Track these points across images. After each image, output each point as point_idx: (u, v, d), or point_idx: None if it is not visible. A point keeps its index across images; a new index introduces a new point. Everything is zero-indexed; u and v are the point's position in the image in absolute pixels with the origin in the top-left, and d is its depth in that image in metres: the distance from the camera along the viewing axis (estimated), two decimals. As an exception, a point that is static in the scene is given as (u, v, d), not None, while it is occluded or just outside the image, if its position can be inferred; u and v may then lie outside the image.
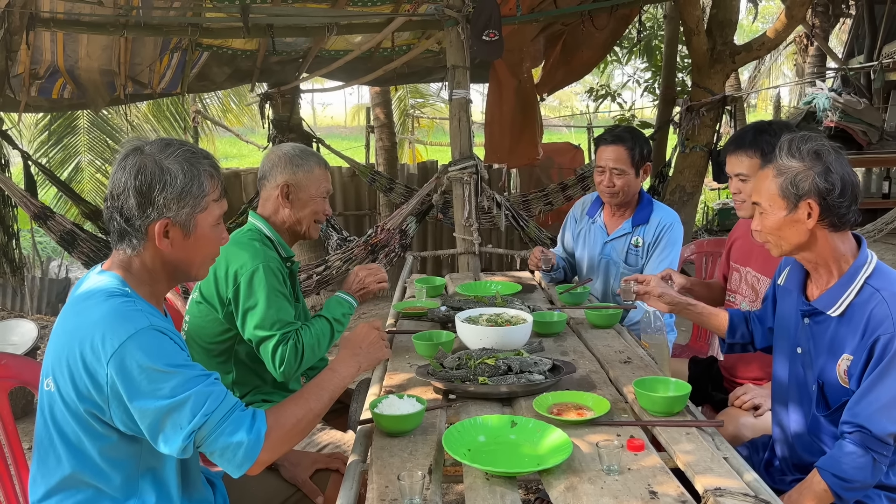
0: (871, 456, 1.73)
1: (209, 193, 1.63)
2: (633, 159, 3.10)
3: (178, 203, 1.59)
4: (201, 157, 1.65)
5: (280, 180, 2.44)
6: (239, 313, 2.24)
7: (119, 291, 1.57)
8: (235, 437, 1.51)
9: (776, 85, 14.16)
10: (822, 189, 1.79)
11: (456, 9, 4.33)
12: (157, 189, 1.57)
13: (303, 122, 7.23)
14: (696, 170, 6.61)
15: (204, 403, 1.50)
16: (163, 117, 9.95)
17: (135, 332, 1.49)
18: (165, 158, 1.59)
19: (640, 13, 7.65)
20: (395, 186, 6.75)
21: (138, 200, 1.57)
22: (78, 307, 1.58)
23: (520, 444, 1.72)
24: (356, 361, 1.90)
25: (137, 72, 6.14)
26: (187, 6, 5.30)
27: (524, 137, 7.43)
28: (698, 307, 2.29)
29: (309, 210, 2.46)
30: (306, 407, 1.68)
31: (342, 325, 2.42)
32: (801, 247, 1.87)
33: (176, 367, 1.50)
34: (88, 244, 4.57)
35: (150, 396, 1.47)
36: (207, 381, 1.54)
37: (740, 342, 2.23)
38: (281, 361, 2.19)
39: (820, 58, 11.22)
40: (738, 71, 9.09)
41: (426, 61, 7.13)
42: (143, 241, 1.60)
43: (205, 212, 1.63)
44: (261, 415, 1.57)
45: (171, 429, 1.48)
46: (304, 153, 2.48)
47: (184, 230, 1.61)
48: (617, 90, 9.55)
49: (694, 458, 1.65)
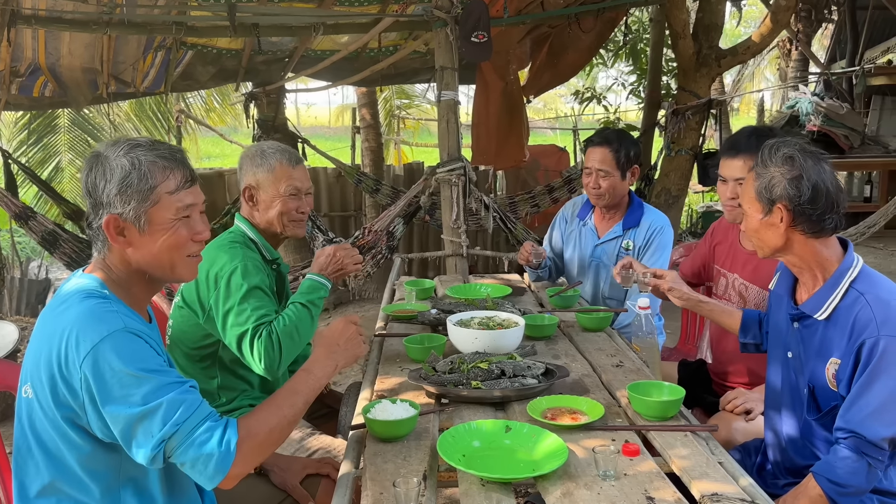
0: (865, 461, 1.73)
1: (158, 185, 1.53)
2: (618, 161, 3.10)
3: (121, 198, 1.51)
4: (147, 148, 1.55)
5: (244, 183, 2.38)
6: (220, 317, 2.17)
7: (97, 293, 1.53)
8: (205, 449, 1.44)
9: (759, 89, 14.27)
10: (791, 195, 1.81)
11: (445, 10, 4.32)
12: (100, 186, 1.52)
13: (288, 122, 7.18)
14: (682, 173, 6.65)
15: (176, 412, 1.43)
16: (145, 117, 9.84)
17: (108, 333, 1.44)
18: (113, 154, 1.53)
19: (626, 16, 7.68)
20: (381, 188, 6.72)
21: (90, 201, 1.55)
22: (56, 310, 1.54)
23: (515, 449, 1.71)
24: (333, 360, 1.76)
25: (120, 70, 6.06)
26: (172, 4, 5.24)
27: (511, 139, 7.43)
28: (710, 304, 2.33)
29: (275, 211, 2.35)
30: (279, 414, 1.58)
31: (318, 309, 2.27)
32: (780, 250, 1.90)
33: (149, 371, 1.45)
34: (70, 245, 4.50)
35: (121, 402, 1.42)
36: (182, 389, 1.47)
37: (752, 342, 2.25)
38: (259, 356, 2.09)
39: (803, 62, 11.34)
40: (721, 75, 9.15)
41: (413, 62, 7.11)
42: (105, 242, 1.55)
43: (156, 205, 1.53)
44: (232, 425, 1.50)
45: (143, 436, 1.43)
46: (265, 151, 2.38)
47: (137, 226, 1.53)
48: (602, 93, 9.58)
49: (689, 462, 1.64)
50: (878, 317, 1.75)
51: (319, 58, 6.63)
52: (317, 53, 6.64)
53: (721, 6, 6.49)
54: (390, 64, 6.57)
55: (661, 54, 7.89)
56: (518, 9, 6.44)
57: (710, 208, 10.38)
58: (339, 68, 6.81)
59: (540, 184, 8.30)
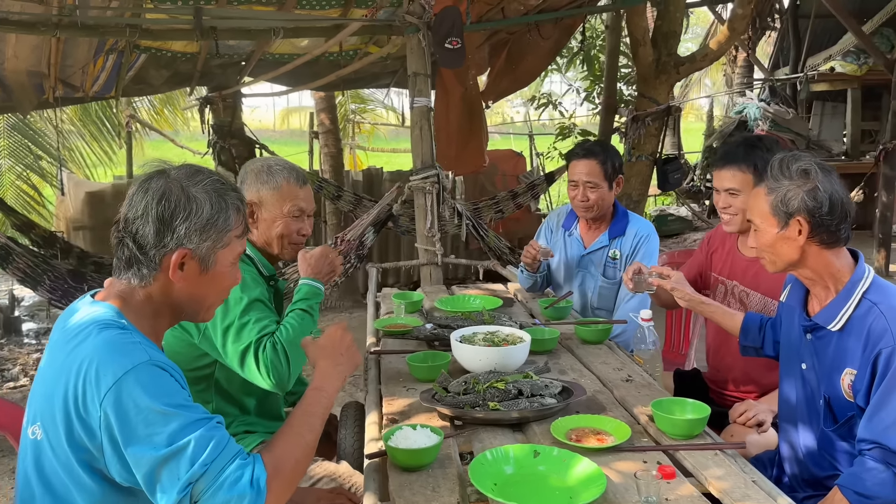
0: (891, 471, 1.74)
1: (233, 228, 1.52)
2: (605, 172, 3.08)
3: (201, 235, 1.47)
4: (230, 190, 1.54)
5: (245, 198, 2.27)
6: (219, 334, 2.05)
7: (115, 323, 1.42)
8: (236, 490, 1.34)
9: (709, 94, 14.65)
10: (810, 207, 1.83)
11: (416, 15, 4.25)
12: (180, 217, 1.45)
13: (245, 127, 7.00)
14: (642, 178, 6.74)
15: (204, 451, 1.33)
16: (90, 121, 9.44)
17: (132, 366, 1.33)
18: (193, 186, 1.48)
19: (583, 24, 7.75)
20: (343, 194, 6.59)
21: (157, 227, 1.44)
22: (69, 343, 1.41)
23: (547, 475, 1.65)
24: (340, 373, 1.70)
25: (69, 74, 5.79)
26: (126, 6, 5.01)
27: (471, 145, 7.40)
28: (712, 306, 2.36)
29: (277, 231, 2.26)
30: (302, 443, 1.52)
31: (317, 314, 2.19)
32: (795, 263, 1.90)
33: (177, 407, 1.35)
34: (24, 259, 4.24)
35: (145, 443, 1.31)
36: (209, 425, 1.38)
37: (752, 346, 2.27)
38: (267, 370, 1.99)
39: (748, 68, 11.67)
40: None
41: (373, 67, 7.00)
42: (154, 271, 1.46)
43: (226, 248, 1.52)
44: (259, 462, 1.41)
45: (168, 479, 1.32)
46: (273, 168, 2.29)
47: (202, 265, 1.49)
48: (558, 99, 9.65)
49: (728, 484, 1.61)
50: (893, 326, 1.77)
51: (278, 61, 6.47)
52: (275, 57, 6.48)
53: (679, 14, 6.59)
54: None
55: (617, 61, 7.99)
56: (479, 15, 6.43)
57: (662, 212, 10.56)
58: (299, 73, 6.67)
59: (498, 188, 8.31)
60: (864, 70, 10.02)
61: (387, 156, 13.48)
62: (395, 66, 7.27)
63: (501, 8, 6.53)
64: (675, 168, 7.03)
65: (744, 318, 2.28)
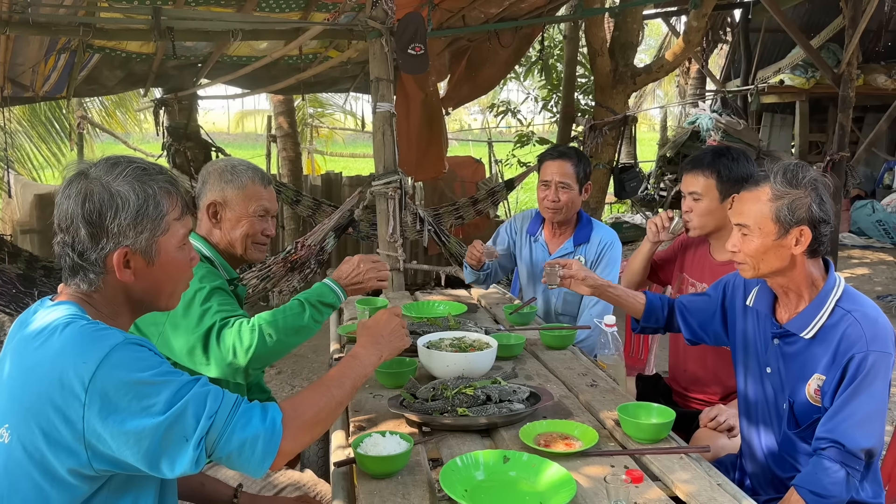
0: (845, 471, 1.78)
1: (168, 213, 1.46)
2: (578, 175, 3.12)
3: (135, 228, 1.41)
4: (154, 174, 1.47)
5: (209, 198, 2.23)
6: (178, 325, 1.95)
7: (79, 317, 1.39)
8: (250, 430, 1.36)
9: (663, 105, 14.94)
10: (816, 218, 1.84)
11: (380, 20, 4.23)
12: (108, 216, 1.39)
13: (201, 130, 6.88)
14: (600, 186, 6.83)
15: (205, 405, 1.34)
16: (38, 122, 9.16)
17: (110, 349, 1.31)
18: (114, 180, 1.41)
19: (542, 33, 7.84)
20: (302, 199, 6.53)
21: (90, 231, 1.39)
22: (31, 342, 1.37)
23: (518, 480, 1.65)
24: (377, 350, 1.74)
25: (18, 73, 5.62)
26: (80, 4, 4.89)
27: (431, 150, 7.42)
28: (617, 290, 2.41)
29: (241, 231, 2.22)
30: (328, 394, 1.53)
31: (318, 313, 2.07)
32: (779, 271, 1.91)
33: (164, 375, 1.34)
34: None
35: (143, 415, 1.29)
36: (200, 382, 1.38)
37: (653, 326, 2.36)
38: (236, 341, 1.89)
39: (700, 80, 11.94)
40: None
41: (333, 71, 6.97)
42: (101, 274, 1.42)
43: (167, 234, 1.46)
44: (273, 405, 1.43)
45: (177, 444, 1.31)
46: (237, 167, 2.26)
47: (146, 258, 1.44)
48: (516, 107, 9.73)
49: (694, 487, 1.63)
50: (868, 333, 1.81)
51: (236, 63, 6.39)
52: (233, 59, 6.40)
53: (636, 25, 6.72)
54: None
55: (575, 70, 8.10)
56: (440, 22, 6.45)
57: (618, 219, 10.71)
58: (257, 75, 6.60)
59: (457, 195, 8.32)
60: (812, 83, 10.36)
61: (345, 160, 13.41)
62: (355, 71, 7.25)
63: (462, 16, 6.56)
64: (632, 177, 7.15)
65: (646, 301, 2.33)
